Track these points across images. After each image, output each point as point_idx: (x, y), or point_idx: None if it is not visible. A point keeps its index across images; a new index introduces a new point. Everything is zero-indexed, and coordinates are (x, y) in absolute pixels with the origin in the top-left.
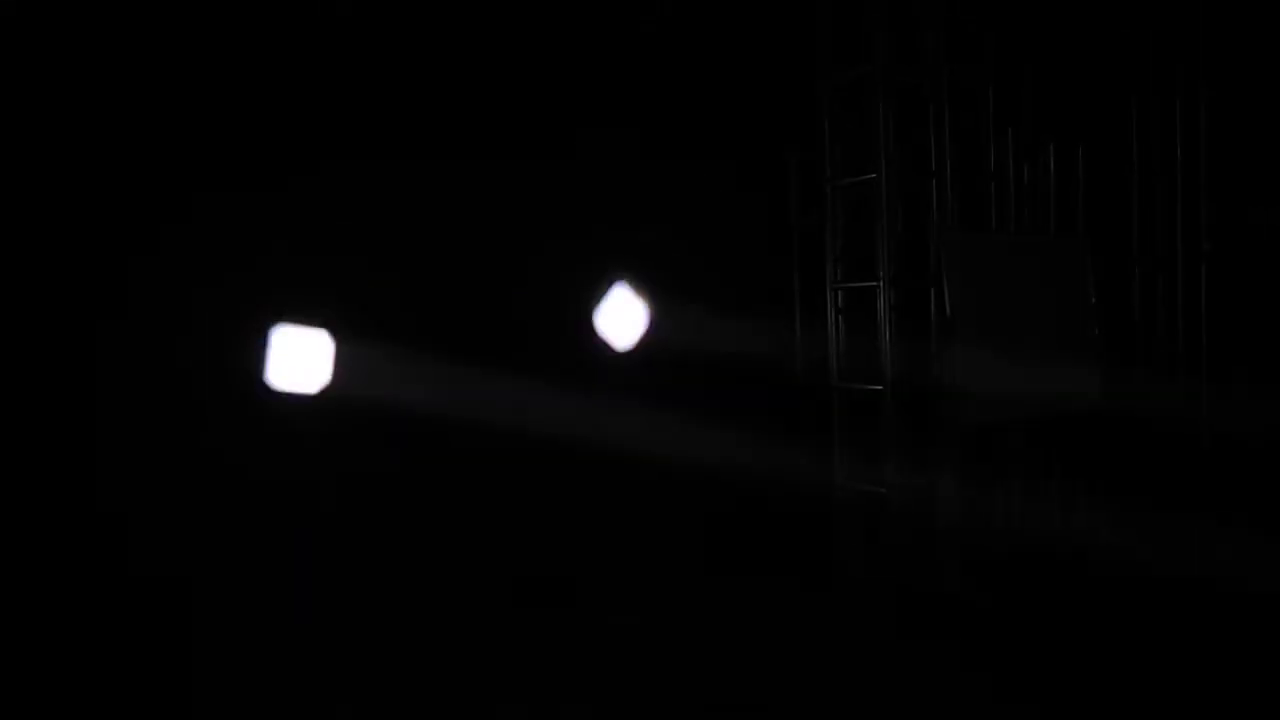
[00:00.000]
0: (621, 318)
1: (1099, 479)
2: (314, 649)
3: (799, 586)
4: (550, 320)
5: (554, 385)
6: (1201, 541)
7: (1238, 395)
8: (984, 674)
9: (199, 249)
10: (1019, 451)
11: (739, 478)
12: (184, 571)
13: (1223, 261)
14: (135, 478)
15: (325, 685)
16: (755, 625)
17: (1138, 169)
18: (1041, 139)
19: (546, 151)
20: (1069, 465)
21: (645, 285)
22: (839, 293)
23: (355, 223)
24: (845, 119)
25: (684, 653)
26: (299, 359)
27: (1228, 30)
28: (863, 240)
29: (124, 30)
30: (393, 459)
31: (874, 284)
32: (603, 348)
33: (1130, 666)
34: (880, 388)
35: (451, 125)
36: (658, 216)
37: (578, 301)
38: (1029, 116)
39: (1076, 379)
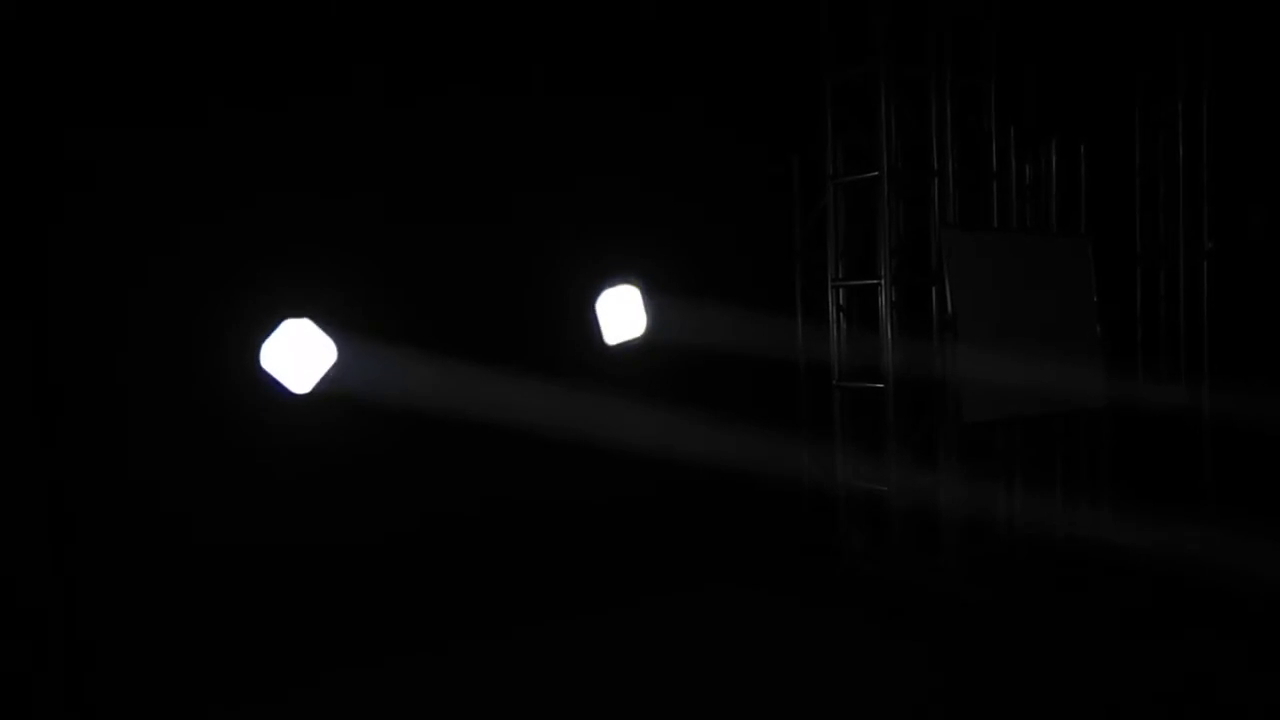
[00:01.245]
0: (622, 316)
1: (1100, 476)
2: (317, 651)
3: (802, 584)
4: (551, 317)
5: (554, 382)
6: (1202, 538)
7: (1239, 393)
8: (985, 671)
9: (201, 250)
10: (1021, 449)
11: (740, 475)
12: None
13: (1225, 260)
14: (131, 471)
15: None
16: (758, 625)
17: (1140, 168)
18: (1043, 138)
19: (547, 148)
20: (1070, 462)
21: (646, 283)
22: (840, 290)
23: (357, 223)
24: (848, 117)
25: (687, 652)
26: (303, 355)
27: (1230, 30)
28: (865, 238)
29: (126, 25)
30: (392, 454)
31: (875, 282)
32: (603, 345)
33: (1131, 664)
34: (882, 385)
35: (454, 128)
36: (659, 215)
37: (579, 299)
38: (1031, 115)
39: (1078, 376)
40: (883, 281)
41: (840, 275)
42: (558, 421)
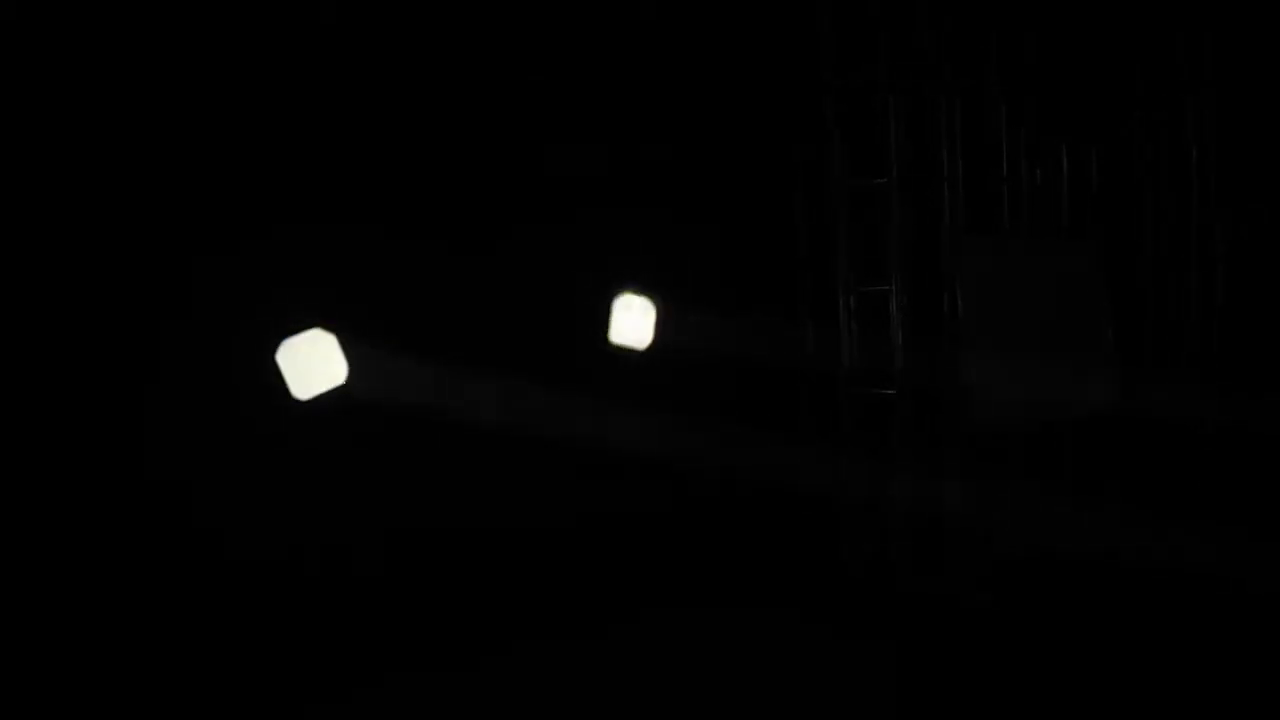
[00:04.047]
0: (630, 321)
1: (1112, 482)
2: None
3: (806, 590)
4: (559, 323)
5: (563, 388)
6: (1214, 545)
7: (1253, 396)
8: (993, 678)
9: (203, 254)
10: (1031, 453)
11: (747, 480)
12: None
13: (1238, 263)
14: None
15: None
16: (762, 630)
17: (1151, 169)
18: (1053, 141)
19: (553, 152)
20: (1082, 468)
21: (654, 288)
22: (850, 296)
23: (364, 229)
24: (854, 119)
25: (691, 658)
26: (311, 364)
27: (1242, 27)
28: (873, 242)
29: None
30: (405, 463)
31: (885, 288)
32: (612, 351)
33: (1140, 671)
34: (891, 391)
35: (455, 128)
36: (668, 219)
37: (587, 304)
38: (1041, 118)
39: (1090, 380)
40: (893, 287)
41: (849, 281)
42: (563, 429)
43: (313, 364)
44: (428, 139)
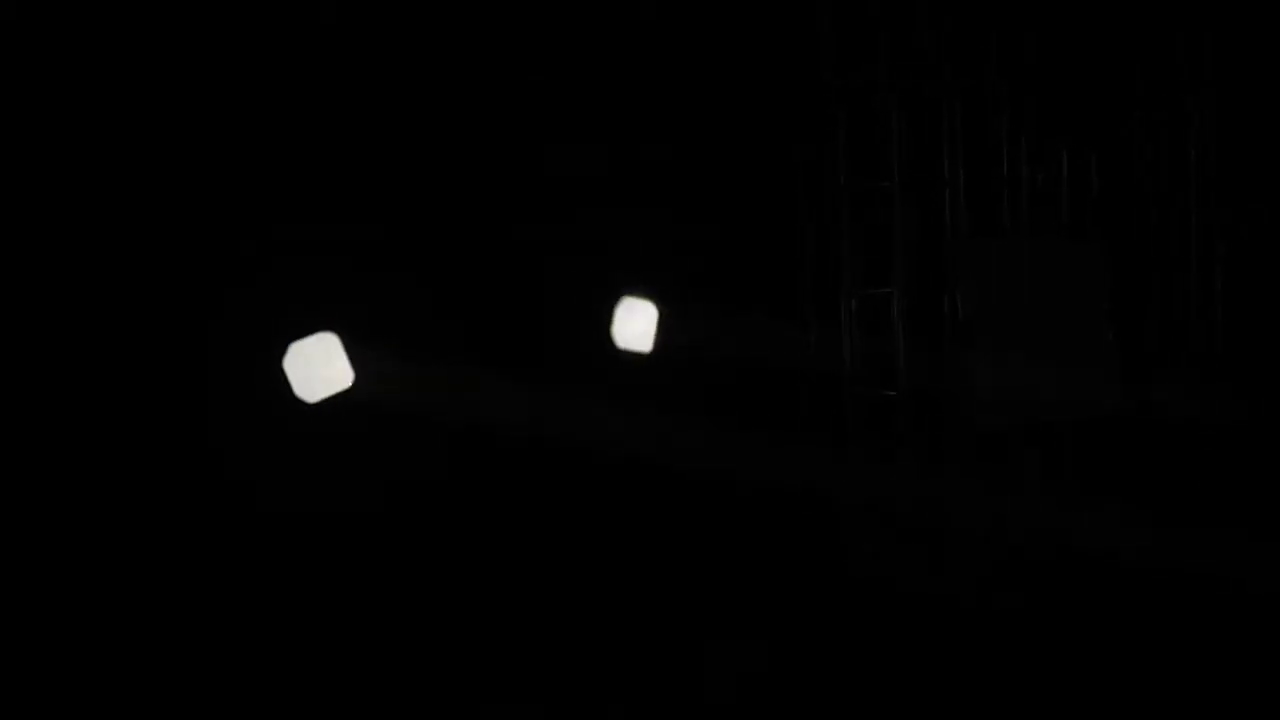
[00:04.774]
0: (631, 322)
1: (1112, 482)
2: (326, 654)
3: (807, 590)
4: (559, 323)
5: (562, 388)
6: (1214, 545)
7: (1254, 398)
8: (993, 678)
9: (206, 256)
10: (1032, 455)
11: (749, 482)
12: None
13: (1239, 263)
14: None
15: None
16: (762, 630)
17: (1151, 171)
18: (1054, 142)
19: (553, 152)
20: (1084, 469)
21: (654, 289)
22: (852, 299)
23: (365, 229)
24: (855, 120)
25: (690, 657)
26: (317, 367)
27: (1242, 27)
28: (875, 244)
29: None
30: (409, 465)
31: (888, 290)
32: (612, 353)
33: (1140, 671)
34: (894, 393)
35: (455, 129)
36: (668, 219)
37: (586, 305)
38: (1042, 121)
39: (1091, 382)
40: (894, 290)
41: (851, 283)
42: (562, 428)
43: (318, 368)
44: (428, 139)
